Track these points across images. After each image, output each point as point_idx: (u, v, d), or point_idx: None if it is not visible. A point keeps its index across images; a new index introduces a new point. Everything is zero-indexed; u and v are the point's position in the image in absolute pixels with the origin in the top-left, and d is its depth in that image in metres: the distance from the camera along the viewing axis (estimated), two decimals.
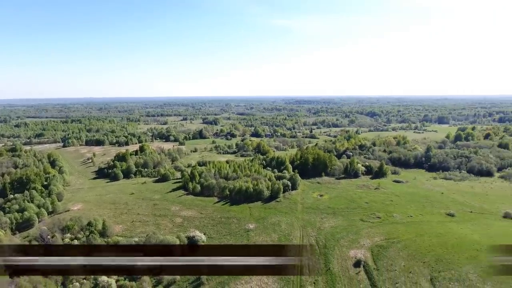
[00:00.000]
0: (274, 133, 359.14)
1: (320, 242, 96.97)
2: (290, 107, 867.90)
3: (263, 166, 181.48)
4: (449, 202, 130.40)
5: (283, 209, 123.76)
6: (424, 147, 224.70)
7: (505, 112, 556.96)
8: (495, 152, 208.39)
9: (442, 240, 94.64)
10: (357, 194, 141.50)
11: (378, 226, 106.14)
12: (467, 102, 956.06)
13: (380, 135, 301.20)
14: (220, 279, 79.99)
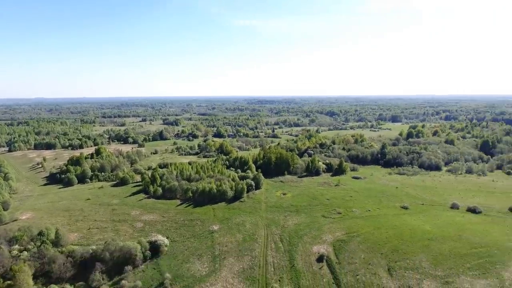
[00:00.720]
0: (236, 133, 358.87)
1: (284, 239, 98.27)
2: (252, 107, 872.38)
3: (226, 166, 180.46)
4: (403, 196, 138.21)
5: (247, 209, 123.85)
6: (380, 144, 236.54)
7: (450, 111, 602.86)
8: (443, 148, 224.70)
9: (398, 231, 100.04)
10: (318, 191, 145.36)
11: (339, 221, 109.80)
12: (417, 101, 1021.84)
13: (339, 134, 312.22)
14: (185, 282, 78.26)
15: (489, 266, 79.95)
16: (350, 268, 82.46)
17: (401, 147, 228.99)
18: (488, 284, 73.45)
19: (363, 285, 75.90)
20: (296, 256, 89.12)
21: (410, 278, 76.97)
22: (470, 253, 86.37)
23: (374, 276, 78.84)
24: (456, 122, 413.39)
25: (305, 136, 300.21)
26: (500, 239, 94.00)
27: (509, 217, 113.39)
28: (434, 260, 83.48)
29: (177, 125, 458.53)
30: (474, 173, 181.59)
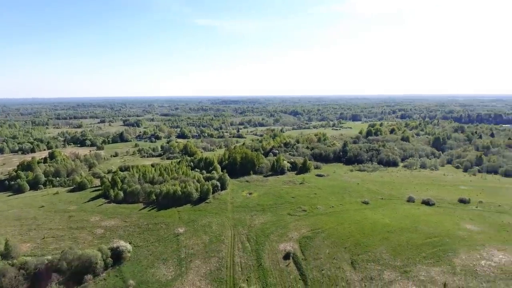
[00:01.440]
0: (201, 134, 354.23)
1: (251, 239, 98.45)
2: (216, 107, 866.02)
3: (191, 167, 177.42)
4: (364, 191, 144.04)
5: (213, 210, 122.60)
6: (341, 142, 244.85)
7: (405, 110, 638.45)
8: (399, 145, 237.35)
9: (359, 226, 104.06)
10: (284, 189, 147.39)
11: (304, 218, 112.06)
12: (375, 101, 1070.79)
13: (303, 133, 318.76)
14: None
15: (442, 254, 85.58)
16: (315, 263, 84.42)
17: (361, 145, 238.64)
18: (442, 271, 78.60)
19: (328, 279, 78.04)
20: (263, 254, 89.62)
21: (372, 270, 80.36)
22: (425, 243, 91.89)
23: (339, 269, 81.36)
24: (410, 121, 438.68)
25: (270, 135, 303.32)
26: (451, 229, 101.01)
27: (458, 208, 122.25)
28: (393, 251, 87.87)
29: (138, 126, 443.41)
30: (428, 168, 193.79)
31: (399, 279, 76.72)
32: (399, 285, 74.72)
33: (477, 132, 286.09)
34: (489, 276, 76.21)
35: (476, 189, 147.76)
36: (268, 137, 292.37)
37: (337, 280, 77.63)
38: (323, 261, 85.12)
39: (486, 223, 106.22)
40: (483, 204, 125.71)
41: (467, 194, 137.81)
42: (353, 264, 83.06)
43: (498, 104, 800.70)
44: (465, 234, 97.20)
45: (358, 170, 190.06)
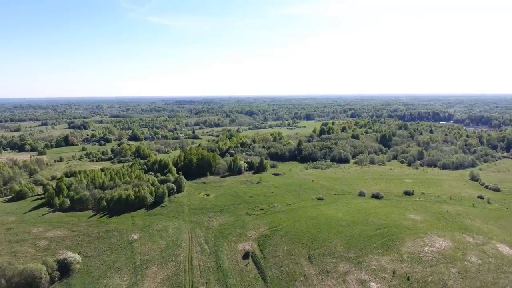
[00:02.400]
0: (154, 136, 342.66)
1: (209, 241, 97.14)
2: (170, 107, 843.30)
3: (144, 171, 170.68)
4: (318, 188, 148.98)
5: (169, 214, 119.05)
6: (296, 141, 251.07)
7: (355, 109, 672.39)
8: (350, 142, 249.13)
9: (315, 221, 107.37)
10: (241, 189, 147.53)
11: (262, 217, 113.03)
12: (327, 100, 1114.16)
13: (258, 133, 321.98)
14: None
15: (390, 244, 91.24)
16: (274, 261, 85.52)
17: (315, 143, 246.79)
18: (391, 259, 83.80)
19: (287, 276, 79.47)
20: (222, 256, 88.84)
21: (328, 263, 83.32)
22: (375, 234, 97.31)
23: (297, 265, 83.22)
24: (360, 119, 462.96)
25: (226, 136, 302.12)
26: (398, 219, 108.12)
27: (404, 200, 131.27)
28: (347, 244, 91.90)
29: (85, 128, 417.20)
30: (376, 163, 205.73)
31: (353, 269, 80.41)
32: (353, 275, 78.32)
33: (418, 129, 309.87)
34: (432, 261, 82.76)
35: (418, 182, 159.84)
36: (224, 137, 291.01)
37: (295, 275, 79.33)
38: (281, 258, 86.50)
39: (428, 213, 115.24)
40: (425, 195, 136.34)
41: (411, 186, 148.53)
42: (310, 259, 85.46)
43: (436, 103, 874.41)
44: (410, 223, 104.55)
45: (312, 168, 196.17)
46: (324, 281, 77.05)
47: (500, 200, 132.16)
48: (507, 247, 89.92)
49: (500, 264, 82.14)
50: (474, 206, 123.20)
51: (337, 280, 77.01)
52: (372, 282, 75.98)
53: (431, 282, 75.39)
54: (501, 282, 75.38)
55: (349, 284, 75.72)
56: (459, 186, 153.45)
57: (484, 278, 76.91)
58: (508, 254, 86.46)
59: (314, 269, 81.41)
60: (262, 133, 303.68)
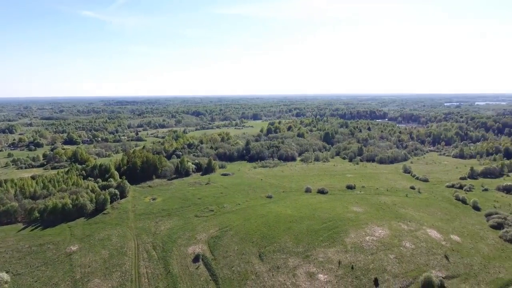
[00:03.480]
0: (93, 139, 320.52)
1: (157, 246, 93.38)
2: (111, 108, 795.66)
3: (83, 176, 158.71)
4: (267, 186, 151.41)
5: (112, 221, 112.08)
6: (244, 141, 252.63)
7: (300, 109, 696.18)
8: (296, 141, 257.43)
9: (265, 219, 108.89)
10: (190, 191, 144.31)
11: (212, 218, 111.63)
12: (273, 100, 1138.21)
13: (206, 133, 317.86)
14: None
15: (336, 236, 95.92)
16: (225, 261, 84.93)
17: (262, 143, 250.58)
18: (336, 251, 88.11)
19: (239, 275, 79.43)
20: (171, 261, 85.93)
21: (278, 259, 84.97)
22: (322, 228, 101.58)
23: (248, 264, 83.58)
24: (304, 118, 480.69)
25: (172, 137, 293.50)
26: (342, 212, 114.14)
27: (346, 194, 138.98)
28: (296, 239, 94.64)
29: (11, 132, 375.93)
30: (320, 160, 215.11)
31: (302, 263, 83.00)
32: (302, 269, 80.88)
33: (358, 127, 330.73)
34: (373, 249, 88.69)
35: (359, 176, 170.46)
36: (170, 138, 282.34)
37: (247, 274, 79.60)
38: (232, 258, 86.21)
39: (368, 205, 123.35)
40: (365, 189, 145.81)
41: (353, 181, 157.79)
42: (261, 257, 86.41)
43: (373, 102, 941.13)
44: (353, 216, 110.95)
45: (261, 167, 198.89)
46: (275, 277, 78.42)
47: (429, 189, 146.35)
48: (435, 232, 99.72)
49: (430, 247, 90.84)
50: (407, 196, 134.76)
51: (287, 275, 78.90)
52: (320, 274, 79.19)
53: (373, 269, 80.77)
54: (431, 263, 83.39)
55: (299, 277, 78.03)
56: (394, 178, 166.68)
57: (417, 260, 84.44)
58: (436, 238, 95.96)
59: (265, 266, 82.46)
60: (210, 134, 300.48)
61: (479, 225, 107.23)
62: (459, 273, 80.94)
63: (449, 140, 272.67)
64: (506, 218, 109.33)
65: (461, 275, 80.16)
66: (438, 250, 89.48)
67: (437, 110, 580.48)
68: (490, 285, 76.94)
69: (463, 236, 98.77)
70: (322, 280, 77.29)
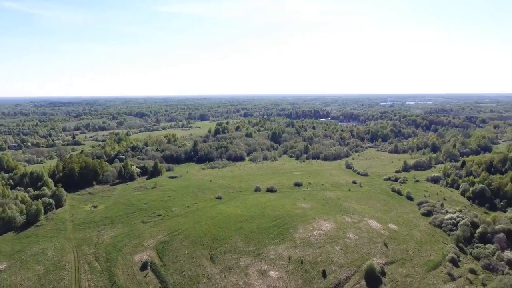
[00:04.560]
0: (22, 144, 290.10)
1: (100, 257, 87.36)
2: (42, 110, 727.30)
3: (10, 186, 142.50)
4: (216, 187, 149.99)
5: (47, 233, 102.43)
6: (192, 142, 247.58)
7: (247, 109, 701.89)
8: (244, 141, 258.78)
9: (215, 221, 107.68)
10: (135, 197, 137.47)
11: (160, 223, 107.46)
12: (221, 100, 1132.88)
13: (151, 135, 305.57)
14: None
15: (285, 233, 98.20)
16: (175, 267, 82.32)
17: (211, 143, 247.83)
18: (286, 247, 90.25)
19: (190, 279, 77.52)
20: (116, 271, 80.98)
21: (229, 260, 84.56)
22: (272, 225, 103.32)
23: (199, 267, 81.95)
24: (252, 118, 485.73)
25: (114, 140, 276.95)
26: (290, 209, 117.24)
27: (294, 191, 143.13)
28: (247, 238, 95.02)
29: None
30: (269, 159, 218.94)
31: (253, 262, 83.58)
32: (254, 267, 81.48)
33: (303, 126, 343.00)
34: (320, 243, 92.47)
35: (306, 173, 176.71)
36: (112, 141, 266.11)
37: (198, 278, 78.00)
38: (183, 263, 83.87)
39: (314, 200, 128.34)
40: (312, 185, 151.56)
41: (300, 178, 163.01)
42: (212, 259, 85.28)
43: (316, 102, 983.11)
44: (301, 212, 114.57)
45: (210, 168, 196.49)
46: (227, 278, 77.93)
47: (369, 183, 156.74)
48: (375, 222, 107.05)
49: (371, 236, 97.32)
50: (350, 191, 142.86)
51: (240, 275, 78.90)
52: (272, 271, 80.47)
53: (321, 261, 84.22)
54: (373, 252, 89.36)
55: (251, 276, 78.46)
56: (338, 174, 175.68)
57: (360, 250, 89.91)
58: (377, 228, 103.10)
59: (216, 268, 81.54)
60: (155, 136, 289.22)
61: (413, 214, 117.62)
62: (397, 258, 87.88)
63: (385, 136, 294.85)
64: (435, 206, 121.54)
65: (399, 260, 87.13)
66: (379, 239, 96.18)
67: (374, 109, 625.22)
68: (423, 267, 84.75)
69: (399, 224, 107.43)
70: (273, 276, 78.60)
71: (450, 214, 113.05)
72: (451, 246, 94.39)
